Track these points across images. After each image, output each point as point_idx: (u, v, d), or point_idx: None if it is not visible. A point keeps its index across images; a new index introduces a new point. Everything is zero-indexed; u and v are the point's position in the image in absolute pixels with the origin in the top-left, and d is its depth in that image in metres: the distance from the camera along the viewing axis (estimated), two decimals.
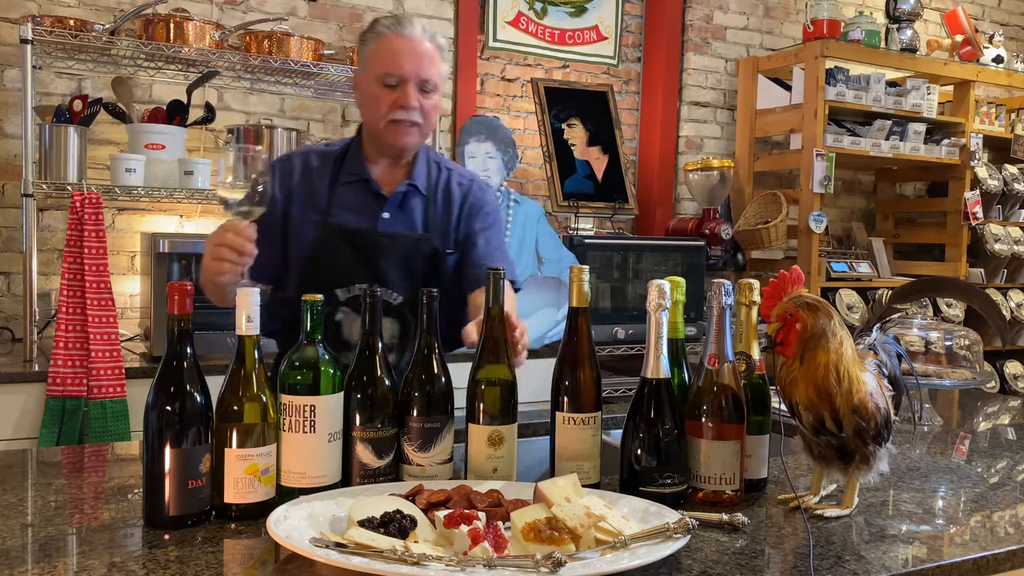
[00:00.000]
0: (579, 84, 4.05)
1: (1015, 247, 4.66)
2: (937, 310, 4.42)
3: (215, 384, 1.24)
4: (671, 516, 1.19)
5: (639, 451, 1.33)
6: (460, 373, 1.54)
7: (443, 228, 1.88)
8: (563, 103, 3.89)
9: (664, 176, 4.34)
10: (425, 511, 1.19)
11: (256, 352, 1.27)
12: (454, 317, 1.94)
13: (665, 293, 1.33)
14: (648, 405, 1.33)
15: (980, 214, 4.50)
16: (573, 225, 3.76)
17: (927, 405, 2.09)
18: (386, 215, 1.83)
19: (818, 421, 1.31)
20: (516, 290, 1.94)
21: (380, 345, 1.36)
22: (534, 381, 1.41)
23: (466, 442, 1.40)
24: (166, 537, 1.17)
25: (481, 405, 1.38)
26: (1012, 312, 4.63)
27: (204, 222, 3.35)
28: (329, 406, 1.28)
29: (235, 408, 1.24)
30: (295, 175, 1.83)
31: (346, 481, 1.33)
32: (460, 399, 1.42)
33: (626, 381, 3.55)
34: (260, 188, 1.48)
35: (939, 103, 4.45)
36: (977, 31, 4.67)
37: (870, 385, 1.32)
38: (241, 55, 3.08)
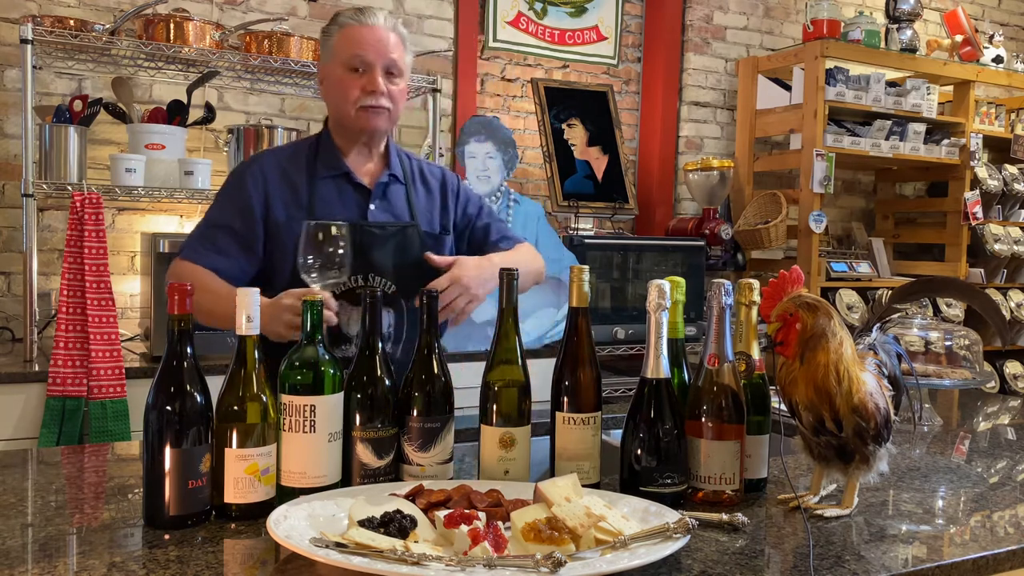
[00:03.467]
0: (579, 84, 4.05)
1: (1015, 247, 4.66)
2: (937, 310, 4.42)
3: (215, 384, 1.24)
4: (671, 516, 1.19)
5: (639, 451, 1.33)
6: (460, 373, 1.54)
7: (427, 212, 1.94)
8: (563, 103, 3.89)
9: (664, 176, 4.34)
10: (425, 511, 1.19)
11: (256, 352, 1.27)
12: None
13: (665, 293, 1.33)
14: (648, 405, 1.33)
15: (980, 214, 4.50)
16: (573, 225, 3.76)
17: (927, 405, 2.09)
18: (372, 206, 1.86)
19: (818, 421, 1.31)
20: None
21: (380, 345, 1.36)
22: (534, 381, 1.41)
23: (479, 443, 1.40)
24: (166, 537, 1.17)
25: (493, 407, 1.38)
26: (1012, 312, 4.64)
27: None
28: (329, 406, 1.28)
29: (235, 408, 1.24)
30: (270, 177, 1.83)
31: (346, 481, 1.33)
32: (460, 399, 1.42)
33: (626, 381, 3.55)
34: (337, 259, 1.55)
35: (939, 103, 4.45)
36: (977, 31, 4.67)
37: (870, 385, 1.32)
38: (241, 55, 3.08)
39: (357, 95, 1.79)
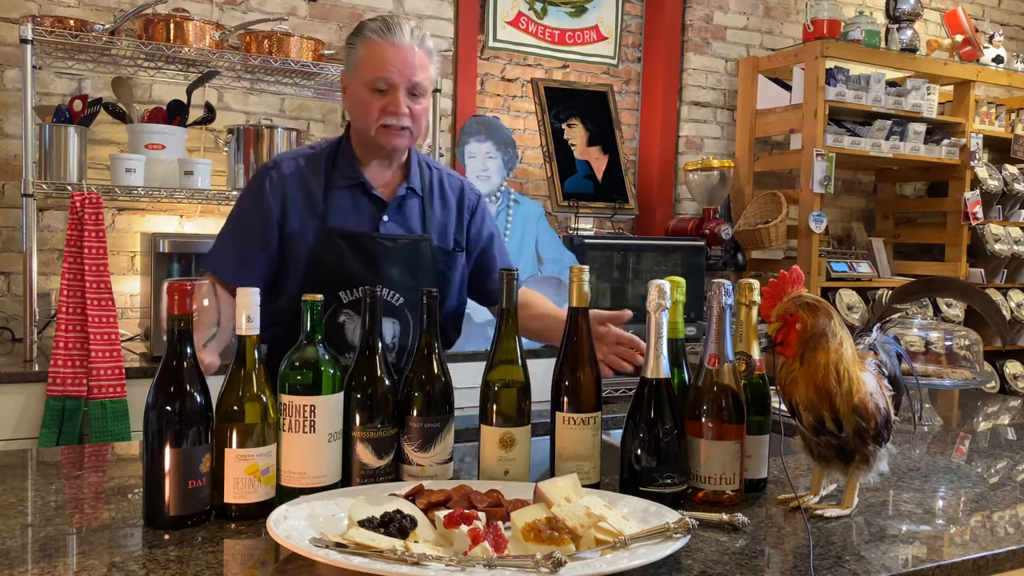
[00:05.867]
0: (579, 84, 4.05)
1: (1015, 247, 4.65)
2: (937, 310, 4.42)
3: (215, 384, 1.24)
4: (671, 516, 1.19)
5: (639, 451, 1.33)
6: (460, 373, 1.54)
7: (442, 227, 1.89)
8: (563, 103, 3.89)
9: (664, 176, 4.33)
10: (425, 511, 1.19)
11: (256, 352, 1.27)
12: (454, 319, 1.95)
13: (665, 293, 1.33)
14: (648, 405, 1.33)
15: (980, 214, 4.50)
16: (573, 225, 3.76)
17: (927, 405, 2.09)
18: (386, 218, 1.82)
19: (818, 421, 1.31)
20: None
21: (380, 345, 1.36)
22: (534, 381, 1.41)
23: (479, 443, 1.40)
24: (166, 537, 1.17)
25: (493, 407, 1.38)
26: (1012, 312, 4.63)
27: (204, 222, 3.35)
28: (329, 406, 1.28)
29: (235, 408, 1.24)
30: (288, 182, 1.80)
31: (346, 481, 1.33)
32: (460, 399, 1.42)
33: (626, 381, 3.55)
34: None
35: (939, 103, 4.45)
36: (977, 31, 4.67)
37: (870, 385, 1.32)
38: (241, 55, 3.08)
39: (378, 115, 1.74)
